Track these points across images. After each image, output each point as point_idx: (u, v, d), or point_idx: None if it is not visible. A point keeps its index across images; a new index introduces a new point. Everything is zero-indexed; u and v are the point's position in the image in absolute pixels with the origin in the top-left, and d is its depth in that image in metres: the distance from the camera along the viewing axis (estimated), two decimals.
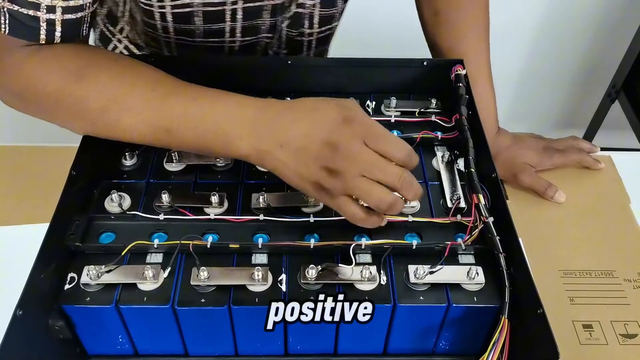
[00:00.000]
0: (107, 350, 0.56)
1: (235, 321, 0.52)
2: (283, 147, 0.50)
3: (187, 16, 0.65)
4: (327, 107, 0.50)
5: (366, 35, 0.81)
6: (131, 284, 0.51)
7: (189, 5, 0.63)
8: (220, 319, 0.51)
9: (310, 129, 0.49)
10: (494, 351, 0.49)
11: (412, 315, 0.52)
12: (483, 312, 0.52)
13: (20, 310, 0.45)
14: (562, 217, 0.74)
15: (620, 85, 1.47)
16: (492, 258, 0.53)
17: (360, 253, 0.54)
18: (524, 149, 0.77)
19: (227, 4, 0.64)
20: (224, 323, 0.52)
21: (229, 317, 0.51)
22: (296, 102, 0.52)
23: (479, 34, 0.78)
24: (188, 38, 0.69)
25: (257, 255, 0.54)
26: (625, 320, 0.63)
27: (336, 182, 0.48)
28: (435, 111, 0.68)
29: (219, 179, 0.61)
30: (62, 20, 0.53)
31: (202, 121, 0.52)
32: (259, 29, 0.70)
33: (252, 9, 0.66)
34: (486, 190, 0.57)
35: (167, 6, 0.63)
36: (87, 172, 0.58)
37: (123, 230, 0.55)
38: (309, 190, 0.51)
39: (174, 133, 0.53)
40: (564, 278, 0.67)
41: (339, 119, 0.49)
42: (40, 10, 0.52)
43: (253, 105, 0.52)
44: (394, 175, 0.49)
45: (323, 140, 0.48)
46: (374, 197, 0.49)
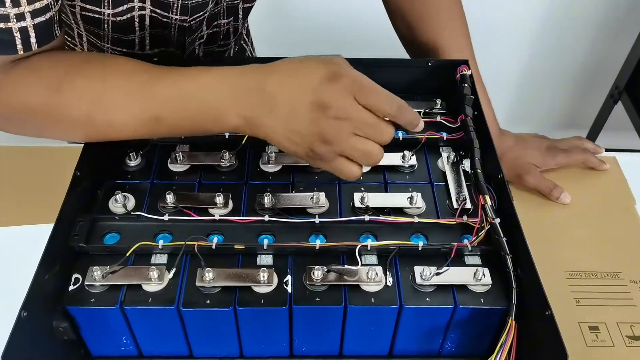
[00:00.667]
0: (111, 352, 0.56)
1: (240, 322, 0.51)
2: (272, 113, 0.49)
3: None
4: (312, 66, 0.49)
5: (371, 36, 0.81)
6: (136, 285, 0.51)
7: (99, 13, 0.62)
8: (225, 320, 0.51)
9: (297, 91, 0.48)
10: (501, 353, 0.49)
11: (418, 317, 0.52)
12: (490, 313, 0.51)
13: (24, 311, 0.45)
14: (567, 218, 0.74)
15: (623, 87, 1.46)
16: (499, 259, 0.53)
17: (366, 254, 0.54)
18: (527, 149, 0.77)
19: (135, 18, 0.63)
20: (229, 324, 0.52)
21: (234, 318, 0.51)
22: (278, 63, 0.51)
23: (460, 33, 0.77)
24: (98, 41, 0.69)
25: (262, 256, 0.54)
26: (632, 321, 0.63)
27: (330, 147, 0.48)
28: (440, 112, 0.68)
29: (224, 179, 0.61)
30: (33, 25, 0.51)
31: (188, 102, 0.51)
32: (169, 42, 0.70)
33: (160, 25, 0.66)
34: (492, 191, 0.57)
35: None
36: (91, 173, 0.58)
37: (127, 231, 0.55)
38: (302, 156, 0.51)
39: (164, 120, 0.52)
40: (570, 279, 0.67)
41: (325, 76, 0.48)
42: (10, 21, 0.50)
43: (231, 74, 0.51)
44: (387, 134, 0.49)
45: (312, 102, 0.47)
46: (372, 159, 0.50)
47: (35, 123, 0.54)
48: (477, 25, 0.79)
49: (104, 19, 0.63)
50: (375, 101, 0.48)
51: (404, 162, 0.62)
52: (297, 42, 1.51)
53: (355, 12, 1.37)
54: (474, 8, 0.78)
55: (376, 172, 0.62)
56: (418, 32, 0.77)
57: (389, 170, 0.62)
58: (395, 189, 0.60)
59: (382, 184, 0.61)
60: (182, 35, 0.69)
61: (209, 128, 0.53)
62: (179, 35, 0.69)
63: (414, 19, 0.77)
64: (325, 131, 0.48)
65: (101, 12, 0.62)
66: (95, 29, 0.65)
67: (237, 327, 0.52)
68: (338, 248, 0.54)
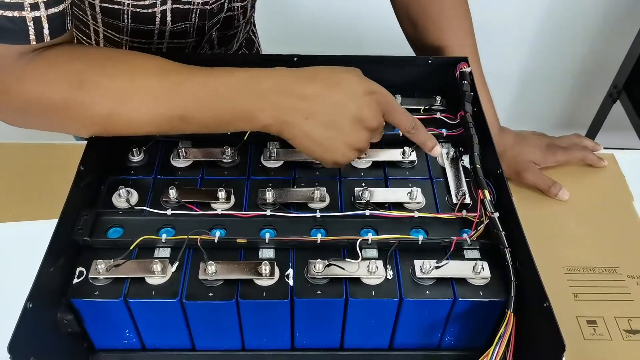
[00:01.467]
0: (114, 345, 0.56)
1: (242, 315, 0.52)
2: (309, 120, 0.52)
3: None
4: (350, 79, 0.53)
5: (372, 34, 0.81)
6: (139, 278, 0.52)
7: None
8: (227, 313, 0.52)
9: (340, 103, 0.52)
10: (499, 345, 0.49)
11: (418, 310, 0.53)
12: (489, 306, 0.52)
13: (30, 303, 0.45)
14: (565, 215, 0.74)
15: (622, 86, 1.47)
16: (498, 253, 0.54)
17: (367, 248, 0.55)
18: (527, 146, 0.77)
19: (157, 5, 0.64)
20: (231, 317, 0.52)
21: (236, 311, 0.52)
22: (313, 71, 0.53)
23: (464, 31, 0.78)
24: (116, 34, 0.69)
25: (264, 250, 0.55)
26: (629, 316, 0.64)
27: (356, 154, 0.54)
28: (440, 108, 0.68)
29: (226, 175, 0.61)
30: (47, 16, 0.51)
31: (218, 103, 0.52)
32: (188, 33, 0.71)
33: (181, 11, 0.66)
34: (491, 186, 0.58)
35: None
36: (95, 168, 0.58)
37: (131, 226, 0.56)
38: (327, 161, 0.55)
39: (189, 119, 0.53)
40: (568, 274, 0.68)
41: (365, 91, 0.52)
42: (24, 9, 0.50)
43: (268, 76, 0.53)
44: (409, 122, 0.56)
45: (353, 114, 0.52)
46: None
47: (52, 118, 0.54)
48: (476, 25, 0.79)
49: (124, 10, 0.64)
50: (398, 120, 0.55)
51: (404, 158, 0.63)
52: (300, 39, 1.52)
53: (357, 9, 1.38)
54: (473, 8, 0.78)
55: (377, 168, 0.63)
56: (422, 30, 0.78)
57: (390, 165, 0.63)
58: (395, 185, 0.61)
59: (383, 179, 0.62)
60: (203, 19, 0.70)
61: (235, 126, 0.54)
62: (199, 21, 0.70)
63: (419, 17, 0.78)
64: (359, 141, 0.53)
65: (121, 2, 0.63)
66: (114, 20, 0.66)
67: (239, 320, 0.53)
68: (339, 242, 0.54)
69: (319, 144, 0.53)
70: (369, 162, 0.63)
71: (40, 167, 0.77)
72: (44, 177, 0.75)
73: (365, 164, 0.63)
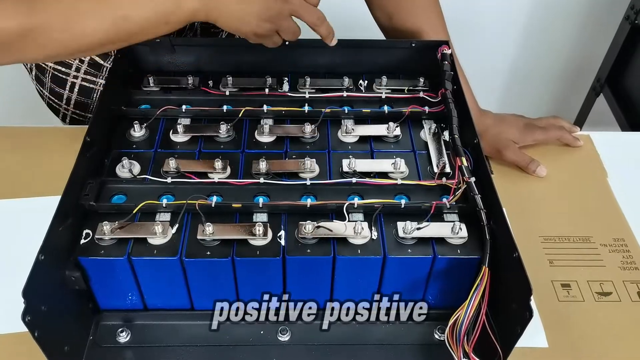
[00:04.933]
0: (117, 305, 0.60)
1: (237, 272, 0.56)
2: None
3: None
4: None
5: (359, 19, 0.86)
6: (142, 239, 0.56)
7: None
8: (224, 270, 0.56)
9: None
10: (475, 296, 0.53)
11: (401, 267, 0.57)
12: (466, 263, 0.56)
13: (42, 255, 0.49)
14: (543, 190, 0.79)
15: (604, 79, 1.52)
16: (475, 216, 0.58)
17: (353, 212, 0.59)
18: (506, 126, 0.82)
19: None
20: (227, 274, 0.56)
21: (232, 268, 0.56)
22: None
23: (436, 17, 0.83)
24: None
25: (257, 214, 0.58)
26: (601, 280, 0.68)
27: (271, 26, 0.61)
28: (423, 89, 0.73)
29: (222, 148, 0.66)
30: None
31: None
32: None
33: None
34: (469, 154, 0.62)
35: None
36: (100, 139, 0.62)
37: (133, 193, 0.60)
38: (248, 34, 0.62)
39: (132, 17, 0.58)
40: (544, 243, 0.72)
41: None
42: None
43: None
44: (314, 14, 0.62)
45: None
46: (295, 35, 0.64)
47: (10, 48, 0.57)
48: (461, 23, 0.84)
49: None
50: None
51: (389, 133, 0.67)
52: None
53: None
54: (457, 6, 0.83)
55: (363, 142, 0.67)
56: (396, 21, 0.83)
57: (375, 140, 0.67)
58: (380, 157, 0.65)
59: (369, 152, 0.66)
60: None
61: (175, 19, 0.59)
62: None
63: (392, 9, 0.83)
64: (268, 9, 0.60)
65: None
66: None
67: (234, 277, 0.57)
68: (327, 206, 0.58)
69: (236, 17, 0.60)
70: (356, 137, 0.67)
71: (44, 148, 0.80)
72: (48, 158, 0.79)
73: (352, 138, 0.67)
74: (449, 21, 0.84)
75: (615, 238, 0.72)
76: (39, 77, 0.88)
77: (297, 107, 0.70)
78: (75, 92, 0.86)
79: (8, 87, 1.47)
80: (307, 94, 0.71)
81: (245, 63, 0.75)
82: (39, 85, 0.89)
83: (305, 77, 0.72)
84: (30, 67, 0.89)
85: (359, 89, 0.74)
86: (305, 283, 0.58)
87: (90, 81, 0.85)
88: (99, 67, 0.84)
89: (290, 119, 0.69)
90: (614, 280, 0.68)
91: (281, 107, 0.70)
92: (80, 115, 0.89)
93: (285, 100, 0.71)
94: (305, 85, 0.72)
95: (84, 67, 0.84)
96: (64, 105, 0.88)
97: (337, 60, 0.75)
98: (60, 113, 0.90)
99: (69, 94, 0.86)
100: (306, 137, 0.67)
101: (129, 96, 0.71)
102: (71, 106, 0.88)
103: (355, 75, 0.74)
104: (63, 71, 0.85)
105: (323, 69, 0.75)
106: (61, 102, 0.88)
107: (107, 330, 0.60)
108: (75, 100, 0.87)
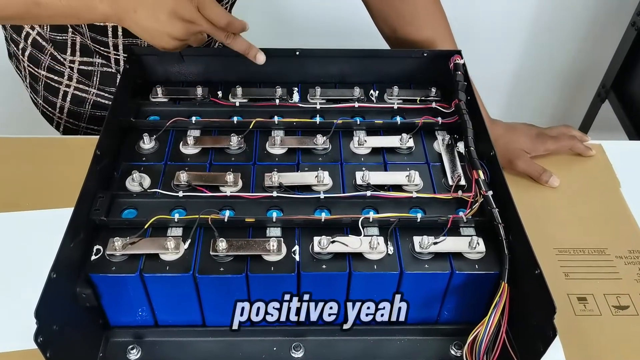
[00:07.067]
0: (128, 321, 0.59)
1: (251, 288, 0.55)
2: (137, 13, 0.60)
3: None
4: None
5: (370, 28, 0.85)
6: (154, 255, 0.55)
7: None
8: (238, 286, 0.54)
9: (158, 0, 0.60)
10: (494, 313, 0.52)
11: (417, 283, 0.56)
12: (484, 279, 0.55)
13: (54, 273, 0.48)
14: (556, 200, 0.78)
15: (610, 85, 1.51)
16: (492, 230, 0.57)
17: (368, 226, 0.58)
18: (517, 135, 0.81)
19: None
20: (241, 290, 0.55)
21: (246, 284, 0.54)
22: None
23: (443, 28, 0.82)
24: None
25: (271, 229, 0.57)
26: (618, 293, 0.67)
27: (179, 43, 0.63)
28: (435, 99, 0.72)
29: (233, 161, 0.65)
30: None
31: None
32: None
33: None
34: (485, 167, 0.61)
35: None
36: (110, 152, 0.61)
37: (144, 207, 0.59)
38: (158, 47, 0.63)
39: (43, 6, 0.60)
40: (559, 255, 0.71)
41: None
42: None
43: None
44: (224, 37, 0.64)
45: (170, 8, 0.60)
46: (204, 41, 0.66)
47: None
48: (466, 28, 0.83)
49: None
50: (212, 14, 0.62)
51: (402, 144, 0.66)
52: (296, 33, 1.54)
53: (357, 4, 1.41)
54: (462, 11, 0.82)
55: (376, 154, 0.66)
56: (401, 34, 0.82)
57: (388, 151, 0.66)
58: (394, 169, 0.64)
59: (382, 164, 0.65)
60: None
61: (82, 16, 0.62)
62: None
63: (397, 21, 0.83)
64: (176, 31, 0.62)
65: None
66: None
67: (248, 293, 0.55)
68: (342, 220, 0.57)
69: (147, 33, 0.62)
70: (368, 148, 0.66)
71: (54, 160, 0.79)
72: (57, 170, 0.77)
73: (365, 150, 0.66)
74: (454, 26, 0.83)
75: (631, 250, 0.71)
76: (32, 85, 0.88)
77: (308, 118, 0.69)
78: (67, 100, 0.86)
79: (2, 95, 1.45)
80: (317, 104, 0.70)
81: (253, 73, 0.74)
82: (34, 94, 0.89)
83: (315, 87, 0.72)
84: (24, 75, 0.89)
85: (370, 99, 0.73)
86: (320, 299, 0.57)
87: (82, 90, 0.85)
88: (89, 76, 0.84)
89: (302, 130, 0.68)
90: (630, 293, 0.67)
91: (292, 117, 0.69)
92: (74, 125, 0.88)
93: (296, 111, 0.70)
94: (316, 95, 0.71)
95: (75, 75, 0.84)
96: (57, 114, 0.88)
97: (346, 70, 0.74)
98: (54, 122, 0.89)
99: (62, 102, 0.86)
100: (318, 148, 0.66)
101: (138, 107, 0.70)
102: (64, 115, 0.87)
103: (366, 85, 0.74)
104: (55, 79, 0.85)
105: (333, 79, 0.75)
106: (55, 110, 0.87)
107: (117, 346, 0.59)
108: (69, 109, 0.87)
